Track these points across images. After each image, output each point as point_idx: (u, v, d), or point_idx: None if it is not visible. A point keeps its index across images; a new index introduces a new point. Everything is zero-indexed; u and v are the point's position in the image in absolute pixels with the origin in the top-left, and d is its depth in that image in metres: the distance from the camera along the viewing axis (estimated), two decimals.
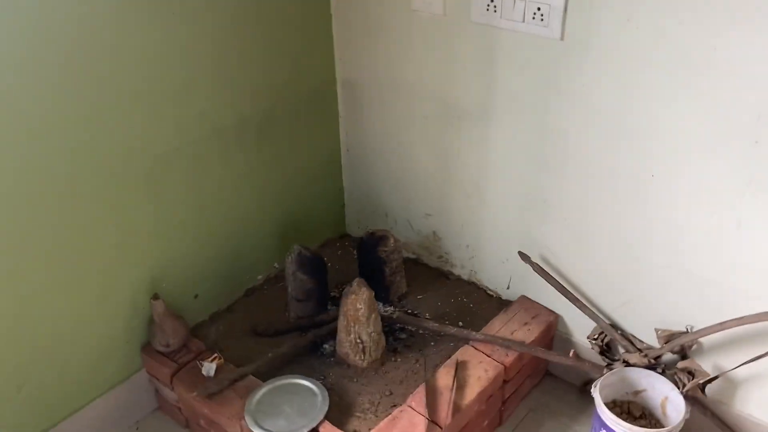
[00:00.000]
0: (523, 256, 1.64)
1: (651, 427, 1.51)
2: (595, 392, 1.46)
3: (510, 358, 1.57)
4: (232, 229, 1.73)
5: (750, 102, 1.20)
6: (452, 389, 1.47)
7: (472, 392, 1.48)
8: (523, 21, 1.39)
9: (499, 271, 1.78)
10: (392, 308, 1.75)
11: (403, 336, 1.67)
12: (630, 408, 1.56)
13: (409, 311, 1.76)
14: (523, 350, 1.58)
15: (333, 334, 1.64)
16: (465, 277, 1.87)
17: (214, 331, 1.72)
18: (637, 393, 1.55)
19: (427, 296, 1.82)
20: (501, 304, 1.78)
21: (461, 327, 1.68)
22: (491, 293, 1.82)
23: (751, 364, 1.35)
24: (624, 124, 1.37)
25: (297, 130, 1.79)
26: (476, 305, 1.79)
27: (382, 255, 1.72)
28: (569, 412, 1.69)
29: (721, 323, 1.36)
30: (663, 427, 1.51)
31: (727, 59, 1.19)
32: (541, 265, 1.63)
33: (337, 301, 1.77)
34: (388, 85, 1.74)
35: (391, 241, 1.72)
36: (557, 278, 1.62)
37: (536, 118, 1.50)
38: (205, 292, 1.72)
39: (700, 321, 1.44)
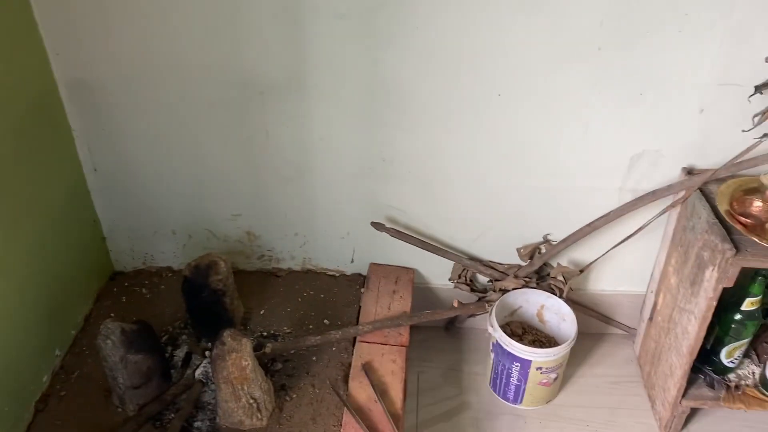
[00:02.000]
0: (377, 226, 1.47)
1: (534, 337, 1.58)
2: (495, 331, 1.44)
3: (405, 336, 1.44)
4: None
5: (591, 9, 1.19)
6: (378, 399, 1.30)
7: (396, 392, 1.32)
8: None
9: (339, 247, 1.58)
10: (252, 340, 1.43)
11: (279, 366, 1.40)
12: (512, 328, 1.59)
13: (266, 334, 1.47)
14: (412, 321, 1.46)
15: (197, 406, 1.29)
16: (297, 267, 1.63)
17: None
18: (513, 312, 1.58)
19: (270, 307, 1.54)
20: (350, 281, 1.61)
21: (330, 325, 1.48)
22: (333, 273, 1.63)
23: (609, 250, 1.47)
24: (464, 55, 1.26)
25: (24, 169, 1.26)
26: (326, 293, 1.58)
27: (217, 286, 1.37)
28: (449, 356, 1.66)
29: (589, 224, 1.43)
30: (542, 333, 1.59)
31: None
32: (395, 228, 1.49)
33: (172, 363, 1.39)
34: (142, 77, 1.31)
35: (222, 265, 1.37)
36: (411, 234, 1.51)
37: (362, 73, 1.29)
38: None
39: (554, 228, 1.50)
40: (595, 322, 1.68)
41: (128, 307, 1.54)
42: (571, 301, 1.59)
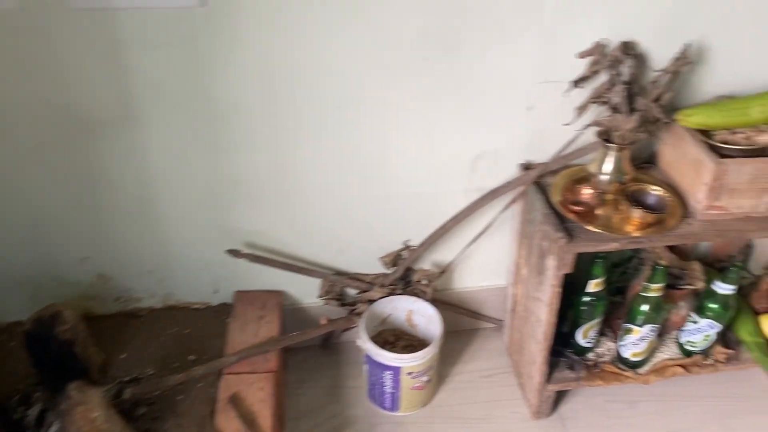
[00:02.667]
0: (234, 253, 1.44)
1: (407, 342, 1.60)
2: (364, 343, 1.45)
3: (273, 361, 1.41)
4: None
5: (410, 21, 1.22)
6: (245, 431, 1.27)
7: (266, 420, 1.29)
8: None
9: (200, 279, 1.54)
10: (108, 388, 1.36)
11: (143, 410, 1.33)
12: (384, 337, 1.60)
13: (128, 379, 1.40)
14: (280, 345, 1.44)
15: None
16: (159, 305, 1.57)
17: None
18: (383, 321, 1.60)
19: (132, 350, 1.47)
20: (216, 312, 1.57)
21: (196, 361, 1.43)
22: (198, 306, 1.58)
23: (465, 249, 1.52)
24: (295, 71, 1.26)
25: None
26: (192, 327, 1.53)
27: (65, 336, 1.29)
28: (327, 373, 1.65)
29: (442, 227, 1.47)
30: (414, 336, 1.61)
31: None
32: (253, 254, 1.46)
33: (24, 423, 1.30)
34: None
35: (67, 314, 1.29)
36: (274, 257, 1.49)
37: (196, 99, 1.26)
38: None
39: (412, 233, 1.53)
40: (466, 319, 1.73)
41: None
42: (439, 302, 1.63)
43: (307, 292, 1.60)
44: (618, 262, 1.61)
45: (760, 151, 1.26)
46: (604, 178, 1.31)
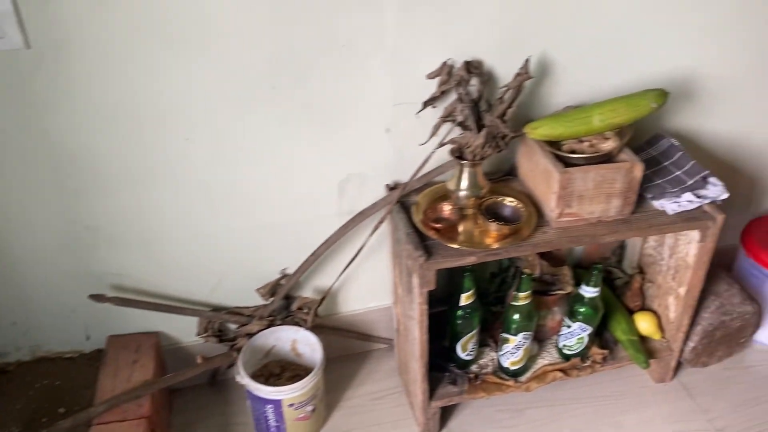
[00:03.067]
0: (97, 298, 1.39)
1: (293, 373, 1.58)
2: (242, 378, 1.42)
3: (146, 406, 1.36)
4: None
5: (254, 50, 1.22)
6: None
7: None
8: None
9: (68, 327, 1.48)
10: None
11: None
12: (269, 369, 1.58)
13: None
14: (152, 390, 1.40)
15: None
16: (27, 357, 1.49)
17: None
18: (268, 353, 1.57)
19: None
20: (90, 360, 1.51)
21: (66, 414, 1.37)
22: (70, 356, 1.52)
23: (343, 273, 1.51)
24: (141, 108, 1.23)
25: None
26: (63, 379, 1.47)
27: None
28: (216, 411, 1.60)
29: (313, 254, 1.46)
30: (301, 366, 1.59)
31: (220, 19, 1.17)
32: (119, 297, 1.41)
33: None
34: None
35: None
36: (142, 299, 1.45)
37: (34, 146, 1.22)
38: None
39: (288, 262, 1.52)
40: (358, 342, 1.72)
41: None
42: (326, 328, 1.62)
43: (186, 331, 1.56)
44: (496, 272, 1.64)
45: (604, 157, 1.31)
46: (461, 194, 1.34)
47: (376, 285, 1.64)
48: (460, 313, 1.44)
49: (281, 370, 1.58)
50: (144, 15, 1.14)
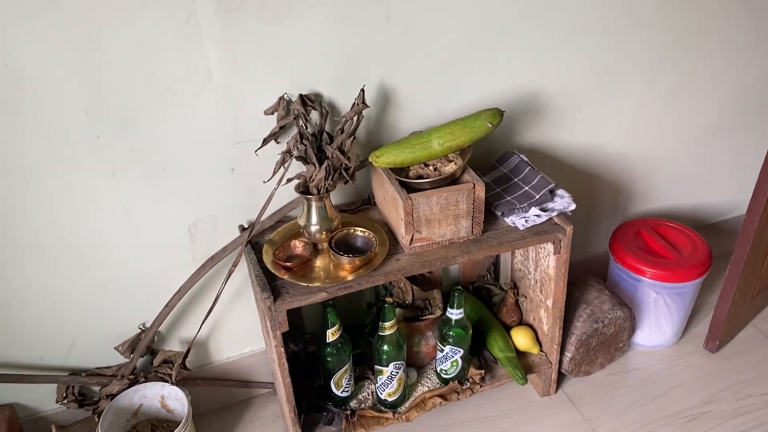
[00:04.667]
0: None
1: (166, 429, 1.50)
2: None
3: None
4: None
5: (71, 102, 1.17)
6: None
7: None
8: None
9: None
10: None
11: None
12: (140, 429, 1.49)
13: None
14: None
15: None
16: None
17: None
18: (136, 412, 1.49)
19: None
20: None
21: None
22: None
23: (205, 321, 1.45)
24: None
25: None
26: None
27: None
28: None
29: (167, 305, 1.40)
30: (174, 422, 1.52)
31: (24, 70, 1.12)
32: None
33: None
34: None
35: None
36: None
37: None
38: None
39: (148, 315, 1.45)
40: (239, 390, 1.66)
41: None
42: (201, 379, 1.56)
43: (45, 399, 1.46)
44: (372, 302, 1.61)
45: (449, 179, 1.31)
46: (312, 228, 1.31)
47: (248, 329, 1.58)
48: (328, 350, 1.41)
49: (152, 428, 1.50)
50: None
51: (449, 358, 1.49)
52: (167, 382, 1.46)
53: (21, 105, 1.14)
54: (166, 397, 1.49)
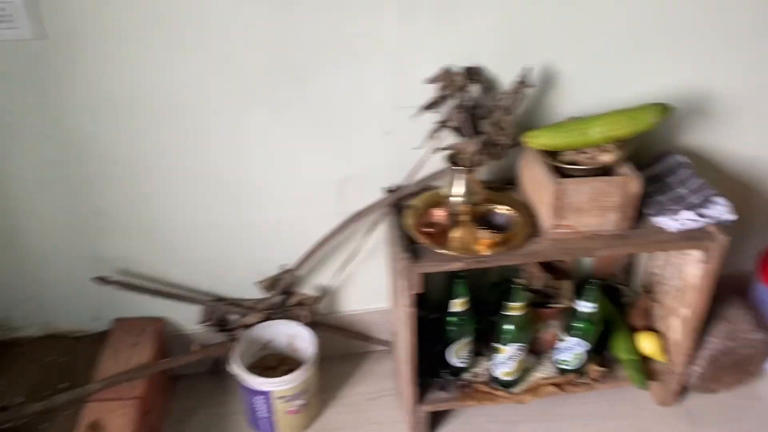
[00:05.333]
0: (101, 280, 1.45)
1: (289, 367, 1.60)
2: (234, 368, 1.46)
3: (140, 388, 1.42)
4: None
5: (259, 52, 1.26)
6: None
7: None
8: None
9: (77, 307, 1.55)
10: None
11: None
12: (266, 362, 1.61)
13: None
14: (148, 373, 1.45)
15: None
16: (39, 333, 1.57)
17: None
18: (265, 346, 1.60)
19: (6, 379, 1.47)
20: (95, 340, 1.57)
21: (67, 388, 1.43)
22: (78, 334, 1.59)
23: (340, 272, 1.53)
24: (146, 101, 1.29)
25: None
26: (69, 356, 1.54)
27: None
28: (214, 400, 1.64)
29: (309, 251, 1.49)
30: (297, 361, 1.62)
31: (223, 19, 1.21)
32: (122, 281, 1.47)
33: None
34: None
35: None
36: (146, 284, 1.51)
37: (48, 131, 1.29)
38: None
39: (288, 257, 1.55)
40: (358, 342, 1.73)
41: None
42: (325, 326, 1.64)
43: (189, 318, 1.61)
44: (498, 282, 1.63)
45: (601, 170, 1.29)
46: (455, 200, 1.34)
47: (376, 287, 1.65)
48: (452, 319, 1.44)
49: (278, 363, 1.61)
50: (151, 11, 1.19)
51: (571, 350, 1.48)
52: (298, 322, 1.56)
53: (214, 46, 1.24)
54: (294, 336, 1.59)
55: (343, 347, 1.73)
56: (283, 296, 1.58)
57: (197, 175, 1.40)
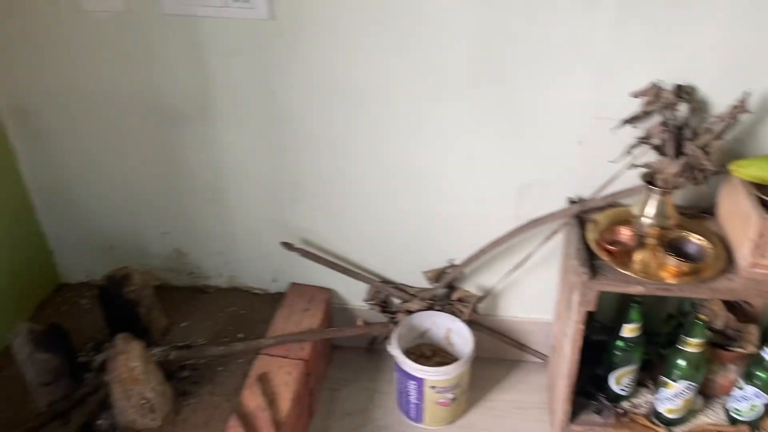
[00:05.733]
0: (287, 246, 1.57)
1: (442, 359, 1.63)
2: (393, 349, 1.51)
3: (306, 350, 1.52)
4: None
5: (459, 47, 1.29)
6: (265, 407, 1.37)
7: (285, 401, 1.40)
8: (226, 5, 1.27)
9: (261, 266, 1.69)
10: (162, 349, 1.54)
11: (186, 374, 1.49)
12: (421, 350, 1.65)
13: (181, 344, 1.57)
14: (316, 338, 1.55)
15: (103, 405, 1.39)
16: (225, 284, 1.74)
17: None
18: (423, 334, 1.64)
19: (193, 321, 1.65)
20: (272, 299, 1.70)
21: (243, 339, 1.57)
22: (257, 291, 1.73)
23: (507, 276, 1.53)
24: (350, 87, 1.37)
25: None
26: (248, 309, 1.68)
27: (131, 296, 1.48)
28: (367, 376, 1.72)
29: (481, 250, 1.50)
30: (451, 355, 1.64)
31: (434, 14, 1.26)
32: (305, 248, 1.58)
33: (90, 367, 1.50)
34: (74, 104, 1.47)
35: (137, 277, 1.49)
36: (324, 255, 1.60)
37: (263, 103, 1.41)
38: None
39: (458, 253, 1.57)
40: (512, 349, 1.72)
41: (66, 315, 1.67)
42: (481, 326, 1.65)
43: (355, 294, 1.69)
44: (674, 314, 1.53)
45: None
46: (645, 221, 1.28)
47: (541, 296, 1.62)
48: (620, 343, 1.39)
49: (432, 353, 1.65)
50: (370, 8, 1.26)
51: (748, 400, 1.36)
52: (458, 317, 1.58)
53: (418, 40, 1.29)
54: (452, 330, 1.61)
55: (497, 351, 1.73)
56: (447, 290, 1.61)
57: (388, 163, 1.46)
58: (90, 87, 1.44)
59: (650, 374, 1.50)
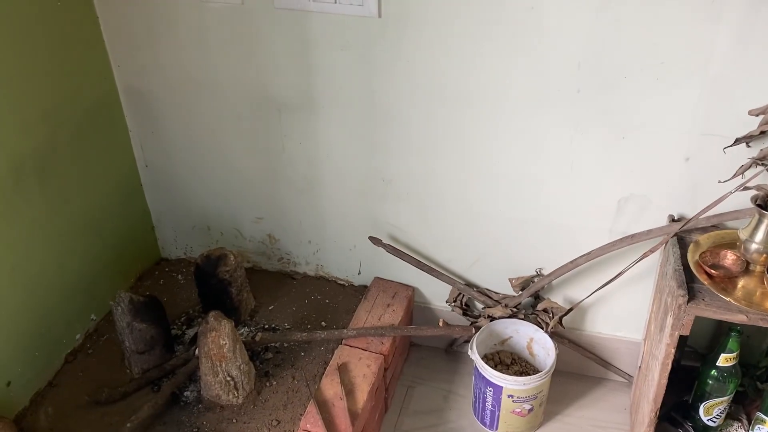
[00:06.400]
0: (374, 240, 1.59)
1: (522, 369, 1.61)
2: (473, 353, 1.50)
3: (386, 345, 1.53)
4: (31, 293, 1.42)
5: (569, 53, 1.26)
6: (342, 396, 1.40)
7: (362, 393, 1.42)
8: (336, 2, 1.30)
9: (347, 258, 1.72)
10: (249, 329, 1.60)
11: (270, 355, 1.54)
12: (501, 357, 1.63)
13: (267, 326, 1.63)
14: (396, 334, 1.56)
15: (191, 378, 1.46)
16: (312, 273, 1.78)
17: (44, 416, 1.42)
18: (504, 342, 1.62)
19: (279, 304, 1.70)
20: (356, 291, 1.73)
21: (325, 327, 1.61)
22: (342, 283, 1.76)
23: (597, 291, 1.48)
24: (450, 89, 1.37)
25: (83, 158, 1.52)
26: (332, 299, 1.72)
27: (224, 276, 1.55)
28: (443, 377, 1.72)
29: (572, 261, 1.46)
30: (531, 366, 1.61)
31: (544, 16, 1.23)
32: (391, 245, 1.60)
33: (181, 340, 1.59)
34: (184, 88, 1.54)
35: (231, 258, 1.55)
36: (409, 253, 1.61)
37: (362, 99, 1.43)
38: (17, 376, 1.41)
39: (547, 262, 1.54)
40: (596, 366, 1.67)
41: (163, 288, 1.77)
42: (566, 339, 1.62)
43: (437, 294, 1.69)
44: None
45: None
46: (753, 246, 1.21)
47: (630, 315, 1.57)
48: (713, 372, 1.32)
49: (512, 362, 1.62)
50: (478, 3, 1.25)
51: None
52: (542, 328, 1.55)
53: (527, 46, 1.27)
54: (534, 340, 1.58)
55: (579, 366, 1.68)
56: (532, 299, 1.58)
57: (486, 168, 1.45)
58: (202, 74, 1.51)
59: (744, 408, 1.42)
